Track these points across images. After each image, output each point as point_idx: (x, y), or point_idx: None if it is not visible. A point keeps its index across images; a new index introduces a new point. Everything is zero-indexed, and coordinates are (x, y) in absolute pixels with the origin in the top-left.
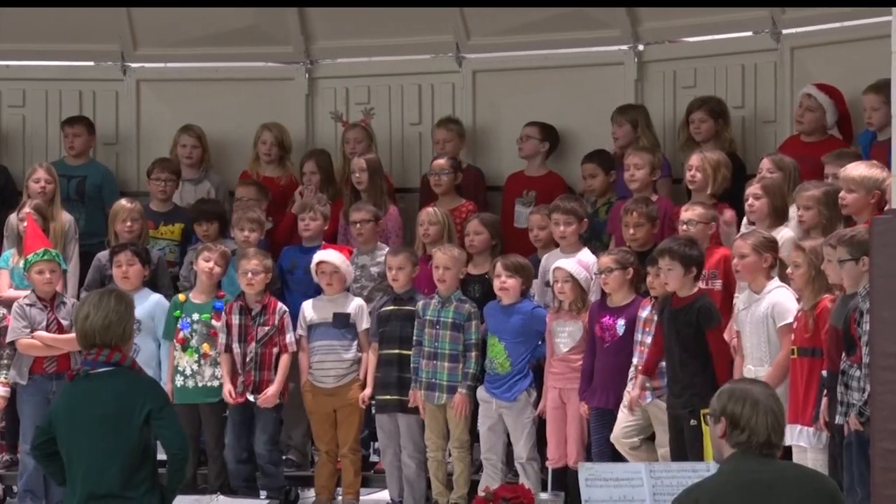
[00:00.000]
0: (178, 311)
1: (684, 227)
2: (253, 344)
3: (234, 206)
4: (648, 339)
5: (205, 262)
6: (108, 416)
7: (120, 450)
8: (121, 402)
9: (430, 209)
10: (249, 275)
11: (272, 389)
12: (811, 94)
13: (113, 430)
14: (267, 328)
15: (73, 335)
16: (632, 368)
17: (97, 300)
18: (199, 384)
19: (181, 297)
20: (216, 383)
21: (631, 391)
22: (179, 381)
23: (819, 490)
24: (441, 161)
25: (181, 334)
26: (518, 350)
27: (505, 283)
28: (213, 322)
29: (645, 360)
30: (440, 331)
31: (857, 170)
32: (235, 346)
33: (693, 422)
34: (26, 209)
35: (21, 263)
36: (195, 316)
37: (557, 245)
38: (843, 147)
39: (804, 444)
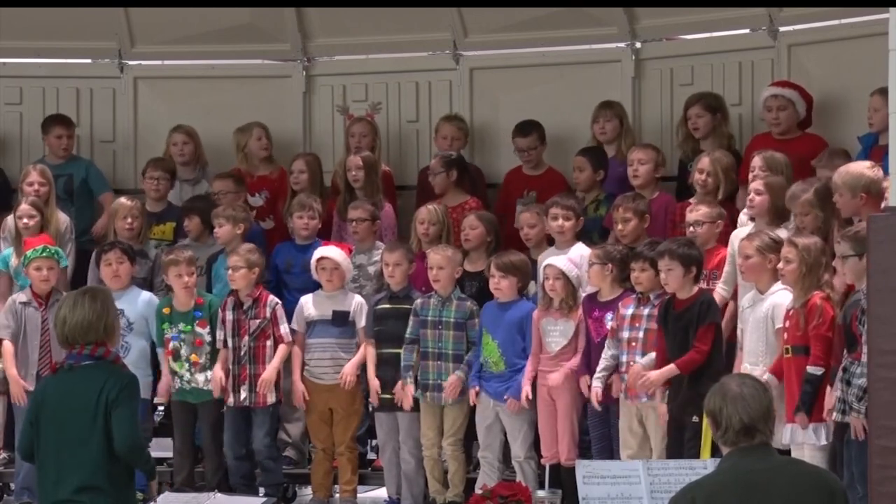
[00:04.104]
0: (166, 324)
1: (691, 228)
2: (246, 338)
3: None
4: (638, 335)
5: (176, 278)
6: (87, 409)
7: (98, 443)
8: (98, 394)
9: (430, 207)
10: (230, 271)
11: (266, 374)
12: (777, 93)
13: (91, 423)
14: (258, 321)
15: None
16: (603, 361)
17: (72, 303)
18: (195, 387)
19: (165, 310)
20: (210, 387)
21: (659, 409)
22: (177, 384)
23: (818, 486)
24: (433, 161)
25: (171, 345)
26: (512, 349)
27: (498, 284)
28: (198, 329)
29: (656, 366)
30: (443, 331)
31: (841, 172)
32: (230, 341)
33: (695, 419)
34: (24, 206)
35: (22, 262)
36: (181, 325)
37: (549, 243)
38: (818, 141)
39: (802, 441)
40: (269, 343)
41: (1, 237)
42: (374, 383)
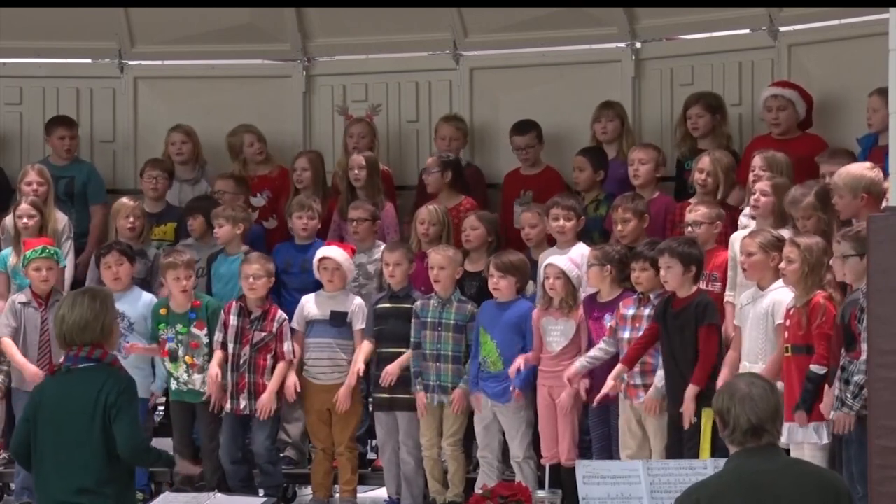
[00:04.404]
0: (163, 324)
1: (689, 229)
2: (247, 347)
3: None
4: (638, 336)
5: (174, 282)
6: (85, 411)
7: (97, 444)
8: (96, 397)
9: (430, 207)
10: (251, 279)
11: (265, 398)
12: (777, 94)
13: (89, 425)
14: (263, 334)
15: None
16: (595, 350)
17: (71, 302)
18: (192, 388)
19: (162, 310)
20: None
21: (607, 383)
22: (173, 384)
23: (823, 487)
24: (429, 160)
25: (167, 346)
26: (510, 349)
27: (497, 284)
28: (194, 331)
29: (627, 352)
30: (442, 333)
31: (841, 174)
32: (230, 347)
33: (694, 419)
34: (24, 205)
35: (21, 262)
36: (178, 327)
37: (550, 243)
38: (818, 141)
39: (802, 441)
40: (269, 356)
41: (0, 237)
42: (359, 367)
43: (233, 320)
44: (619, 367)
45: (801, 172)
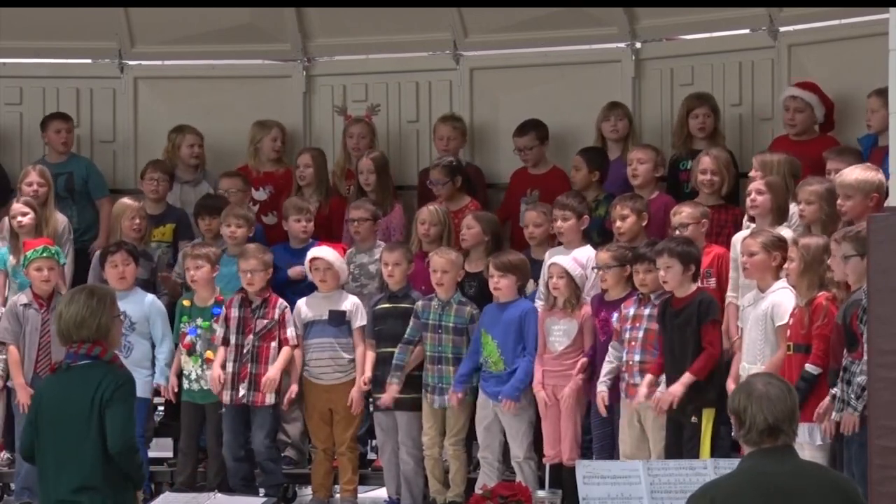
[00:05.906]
0: (186, 317)
1: (677, 231)
2: (251, 336)
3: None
4: (638, 335)
5: (186, 271)
6: (83, 410)
7: (95, 443)
8: (93, 395)
9: (431, 208)
10: (249, 275)
11: (270, 373)
12: (795, 95)
13: (87, 422)
14: (266, 321)
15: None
16: (607, 365)
17: (69, 298)
18: (204, 387)
19: (185, 302)
20: (219, 387)
21: (640, 392)
22: (185, 384)
23: (836, 491)
24: (434, 171)
25: (187, 339)
26: (511, 349)
27: (498, 284)
28: (214, 326)
29: (656, 361)
30: (443, 335)
31: (853, 175)
32: (233, 338)
33: (694, 419)
34: (16, 205)
35: (21, 261)
36: (199, 321)
37: (552, 243)
38: (834, 143)
39: (800, 441)
40: (273, 345)
41: (0, 237)
42: (366, 376)
43: (234, 312)
44: (647, 377)
45: (816, 174)
